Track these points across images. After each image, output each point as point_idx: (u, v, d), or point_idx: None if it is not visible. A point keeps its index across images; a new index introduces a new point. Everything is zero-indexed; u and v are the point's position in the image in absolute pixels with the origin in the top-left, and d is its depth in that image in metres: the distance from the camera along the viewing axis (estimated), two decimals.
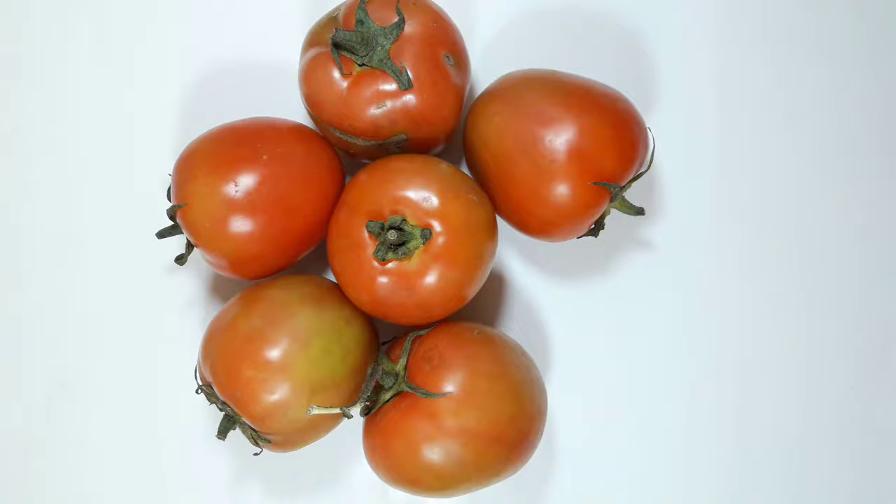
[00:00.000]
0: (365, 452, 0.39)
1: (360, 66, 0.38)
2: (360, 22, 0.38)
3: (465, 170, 0.43)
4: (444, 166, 0.38)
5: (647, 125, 0.40)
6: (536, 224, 0.40)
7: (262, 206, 0.38)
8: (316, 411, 0.36)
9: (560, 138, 0.37)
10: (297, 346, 0.37)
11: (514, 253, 0.46)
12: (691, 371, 0.46)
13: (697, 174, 0.46)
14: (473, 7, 0.47)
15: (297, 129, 0.41)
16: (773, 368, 0.46)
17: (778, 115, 0.46)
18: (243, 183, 0.38)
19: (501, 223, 0.41)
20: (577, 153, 0.37)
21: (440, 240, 0.36)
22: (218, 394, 0.38)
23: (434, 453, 0.36)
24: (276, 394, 0.37)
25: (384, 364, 0.39)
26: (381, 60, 0.38)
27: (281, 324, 0.38)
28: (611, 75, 0.41)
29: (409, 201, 0.37)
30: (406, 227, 0.36)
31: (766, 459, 0.46)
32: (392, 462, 0.38)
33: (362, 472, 0.46)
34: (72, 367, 0.47)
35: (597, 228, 0.41)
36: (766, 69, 0.46)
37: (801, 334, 0.46)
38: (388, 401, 0.38)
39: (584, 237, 0.41)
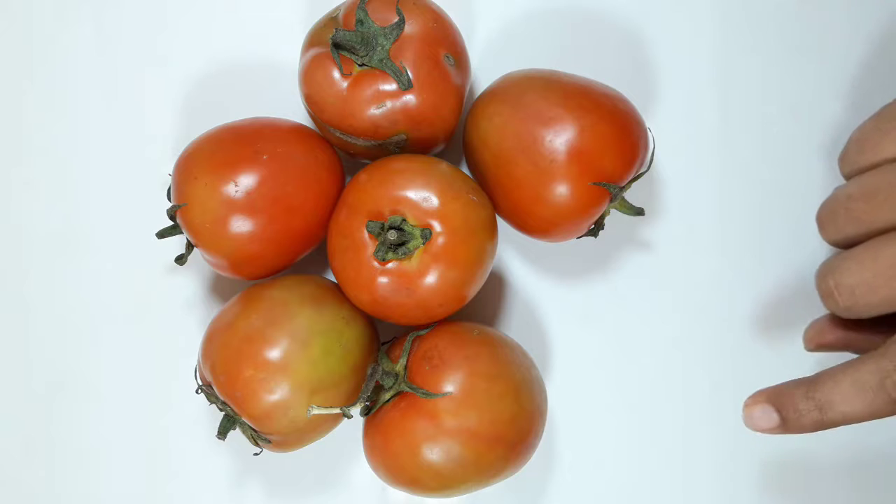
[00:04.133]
0: (365, 452, 0.39)
1: (360, 66, 0.38)
2: (360, 22, 0.38)
3: (465, 170, 0.43)
4: (444, 166, 0.38)
5: (647, 125, 0.40)
6: (536, 224, 0.40)
7: (262, 206, 0.38)
8: (316, 411, 0.36)
9: (560, 138, 0.37)
10: (298, 347, 0.37)
11: (514, 253, 0.46)
12: (691, 371, 0.46)
13: (697, 174, 0.46)
14: (473, 7, 0.47)
15: (297, 129, 0.41)
16: (773, 369, 0.46)
17: (779, 115, 0.46)
18: (243, 183, 0.38)
19: (501, 223, 0.41)
20: (577, 153, 0.37)
21: (440, 240, 0.36)
22: (218, 394, 0.38)
23: (434, 453, 0.36)
24: (276, 394, 0.37)
25: (384, 364, 0.39)
26: (381, 60, 0.38)
27: (281, 324, 0.38)
28: (611, 75, 0.41)
29: (409, 201, 0.37)
30: (406, 227, 0.36)
31: (765, 459, 0.46)
32: (392, 462, 0.38)
33: (362, 472, 0.46)
34: (72, 367, 0.47)
35: (597, 229, 0.41)
36: (767, 69, 0.46)
37: (802, 332, 0.46)
38: (388, 401, 0.38)
39: (583, 237, 0.41)
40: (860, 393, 0.33)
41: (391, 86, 0.38)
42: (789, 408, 0.35)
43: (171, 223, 0.40)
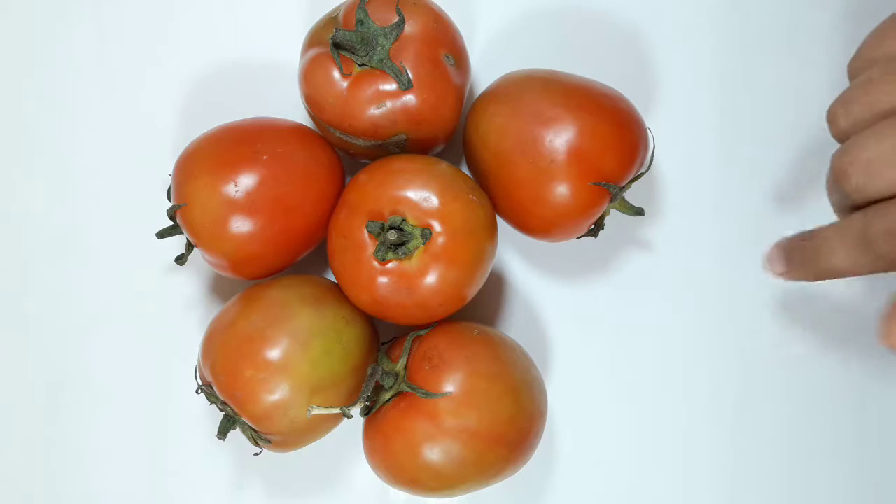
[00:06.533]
0: (365, 452, 0.39)
1: (360, 66, 0.38)
2: (360, 22, 0.38)
3: (465, 170, 0.43)
4: (444, 166, 0.38)
5: (647, 125, 0.40)
6: (536, 224, 0.40)
7: (262, 206, 0.38)
8: (316, 411, 0.36)
9: (560, 138, 0.37)
10: (298, 347, 0.37)
11: (514, 253, 0.46)
12: (691, 371, 0.46)
13: (697, 174, 0.46)
14: (473, 7, 0.47)
15: (297, 129, 0.41)
16: (773, 368, 0.46)
17: (778, 115, 0.46)
18: (243, 183, 0.38)
19: (501, 223, 0.41)
20: (577, 153, 0.37)
21: (440, 240, 0.36)
22: (218, 394, 0.38)
23: (434, 453, 0.36)
24: (276, 394, 0.37)
25: (384, 364, 0.39)
26: (381, 60, 0.38)
27: (281, 324, 0.38)
28: (611, 75, 0.41)
29: (409, 201, 0.37)
30: (406, 227, 0.36)
31: (765, 459, 0.46)
32: (392, 462, 0.38)
33: (362, 472, 0.46)
34: (72, 367, 0.47)
35: (597, 229, 0.41)
36: (767, 69, 0.46)
37: (802, 333, 0.46)
38: (388, 401, 0.38)
39: (583, 237, 0.41)
40: (844, 238, 0.33)
41: (391, 86, 0.38)
42: (794, 254, 0.36)
43: (171, 223, 0.40)
